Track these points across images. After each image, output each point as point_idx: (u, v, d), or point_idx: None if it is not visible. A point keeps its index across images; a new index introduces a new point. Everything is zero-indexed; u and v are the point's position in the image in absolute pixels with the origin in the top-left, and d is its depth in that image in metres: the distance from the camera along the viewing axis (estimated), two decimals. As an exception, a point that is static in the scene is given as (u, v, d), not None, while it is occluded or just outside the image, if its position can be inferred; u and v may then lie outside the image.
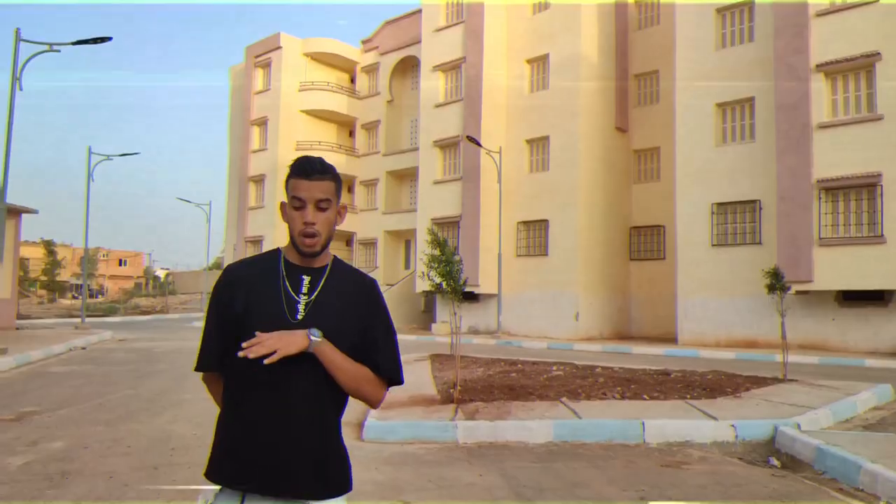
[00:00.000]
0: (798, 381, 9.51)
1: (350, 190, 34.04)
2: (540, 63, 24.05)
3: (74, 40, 13.89)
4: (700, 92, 19.63)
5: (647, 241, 24.59)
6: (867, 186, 16.24)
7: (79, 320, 27.25)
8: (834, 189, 16.74)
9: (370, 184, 32.96)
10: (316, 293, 1.82)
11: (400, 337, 15.47)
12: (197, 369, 1.86)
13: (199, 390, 10.40)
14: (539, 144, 23.85)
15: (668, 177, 23.35)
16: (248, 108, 33.61)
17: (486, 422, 6.82)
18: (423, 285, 25.74)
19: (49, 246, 71.87)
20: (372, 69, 33.37)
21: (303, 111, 32.63)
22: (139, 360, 14.29)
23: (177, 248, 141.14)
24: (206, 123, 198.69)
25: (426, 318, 28.67)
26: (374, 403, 1.88)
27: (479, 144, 22.04)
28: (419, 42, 28.69)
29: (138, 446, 6.15)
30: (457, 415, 7.13)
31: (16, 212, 21.33)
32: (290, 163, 1.86)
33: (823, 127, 16.84)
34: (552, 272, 22.82)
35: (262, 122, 32.99)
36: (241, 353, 1.68)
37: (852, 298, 16.95)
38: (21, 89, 13.51)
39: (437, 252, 7.64)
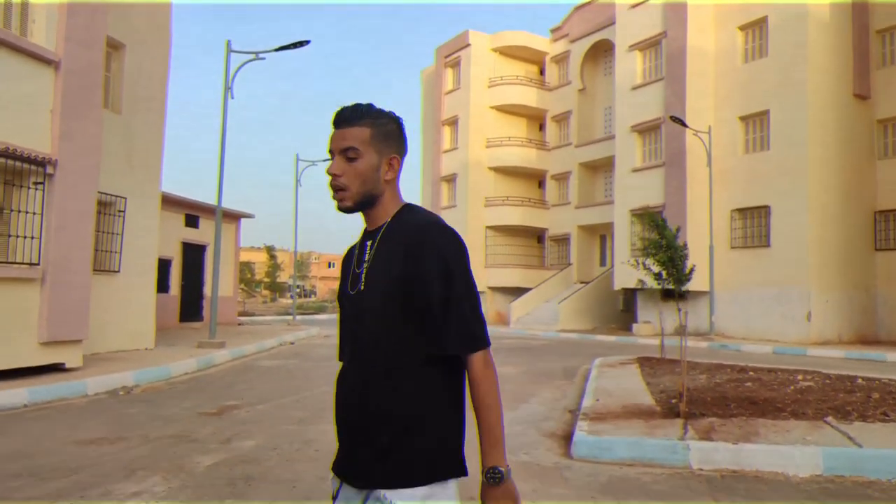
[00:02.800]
0: None
1: (541, 185, 33.04)
2: (756, 28, 21.15)
3: (275, 47, 14.46)
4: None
5: (897, 228, 20.57)
6: None
7: (291, 318, 29.29)
8: None
9: (562, 178, 31.66)
10: (369, 259, 1.63)
11: (598, 339, 14.02)
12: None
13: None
14: (756, 121, 20.96)
15: (926, 149, 19.31)
16: (438, 108, 33.99)
17: (727, 444, 5.41)
18: (622, 282, 23.98)
19: (270, 251, 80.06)
20: (562, 58, 32.06)
21: (492, 107, 32.24)
22: (340, 355, 14.51)
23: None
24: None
25: (625, 318, 26.74)
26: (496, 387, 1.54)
27: (684, 125, 19.85)
28: (612, 24, 26.88)
29: (326, 451, 5.65)
30: (686, 433, 5.79)
31: (234, 216, 23.24)
32: None
33: None
34: (776, 266, 19.90)
35: (453, 122, 33.15)
36: None
37: None
38: (233, 97, 14.34)
39: (655, 236, 6.33)
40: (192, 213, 20.47)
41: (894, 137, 20.82)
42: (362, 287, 1.61)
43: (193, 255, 20.75)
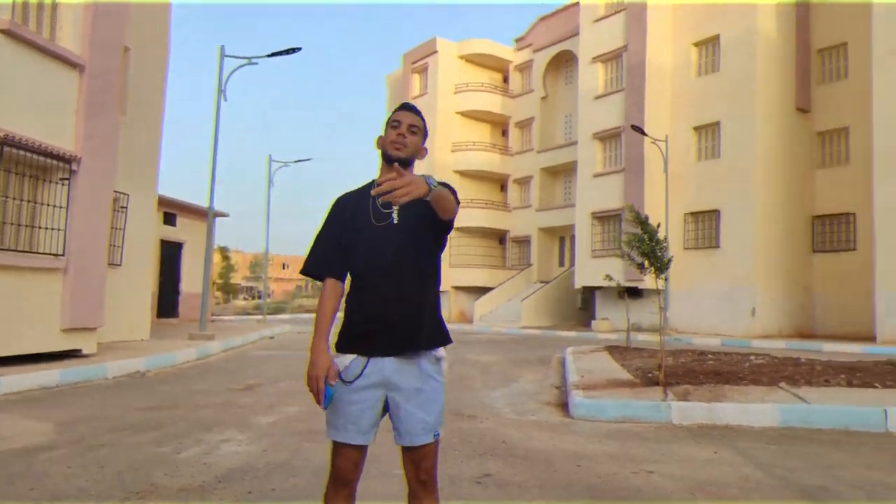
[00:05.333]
0: None
1: (504, 188, 34.24)
2: (709, 45, 22.79)
3: (269, 53, 15.14)
4: (900, 62, 17.61)
5: (833, 231, 22.45)
6: None
7: (258, 317, 29.67)
8: None
9: (524, 182, 32.94)
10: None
11: (560, 334, 15.59)
12: (319, 272, 2.33)
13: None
14: (708, 131, 22.59)
15: (859, 160, 21.18)
16: (405, 112, 34.79)
17: (702, 403, 6.51)
18: (583, 280, 25.33)
19: (224, 252, 79.10)
20: (525, 67, 33.37)
21: (458, 112, 33.27)
22: (326, 347, 15.24)
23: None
24: (367, 131, 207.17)
25: (583, 315, 28.11)
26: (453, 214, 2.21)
27: (644, 133, 21.28)
28: (574, 35, 28.29)
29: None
30: (668, 396, 6.88)
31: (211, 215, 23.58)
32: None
33: None
34: (725, 266, 21.50)
35: (419, 126, 34.01)
36: (374, 191, 2.05)
37: None
38: (226, 100, 14.96)
39: (639, 230, 7.42)
40: (170, 211, 20.82)
41: (831, 148, 22.73)
42: (396, 220, 2.26)
43: (170, 252, 21.10)
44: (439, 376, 2.32)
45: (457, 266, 31.78)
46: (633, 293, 23.22)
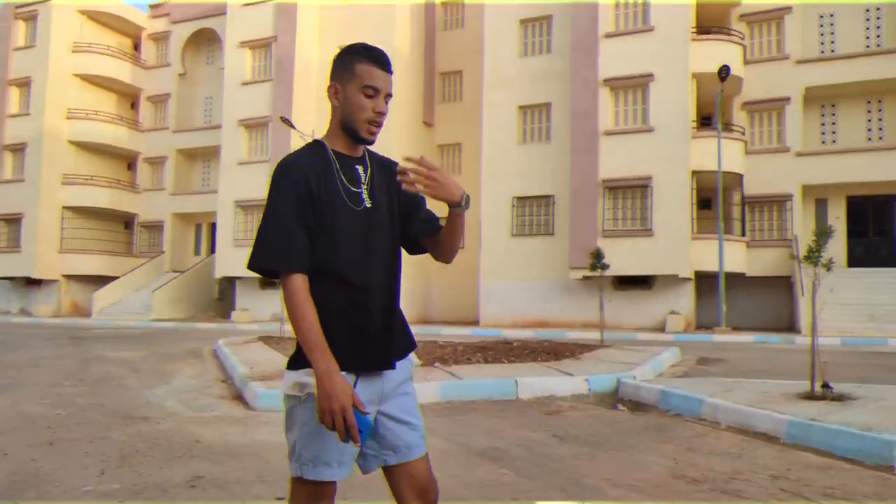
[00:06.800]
0: (614, 346, 11.08)
1: (132, 167, 31.04)
2: (354, 51, 24.23)
3: None
4: (504, 95, 21.40)
5: (448, 231, 26.04)
6: (641, 187, 19.11)
7: None
8: (615, 188, 19.42)
9: (157, 162, 30.35)
10: (369, 181, 1.87)
11: (198, 326, 15.35)
12: (291, 267, 1.72)
13: (28, 369, 9.10)
14: (351, 132, 24.02)
15: (469, 171, 24.99)
16: (5, 64, 28.92)
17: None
18: (224, 270, 24.55)
19: None
20: (161, 38, 30.72)
21: (76, 75, 28.93)
22: None
23: None
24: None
25: (222, 306, 27.29)
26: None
27: (293, 127, 21.59)
28: (219, 14, 27.20)
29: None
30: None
31: None
32: (348, 46, 1.90)
33: (608, 134, 19.44)
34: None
35: (25, 83, 28.61)
36: (400, 167, 1.80)
37: (626, 283, 19.81)
38: None
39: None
40: None
41: (448, 159, 26.33)
42: (368, 205, 1.83)
43: None
44: (411, 379, 1.99)
45: (69, 252, 27.74)
46: (273, 286, 23.41)
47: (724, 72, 17.67)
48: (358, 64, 1.82)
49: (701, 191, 20.18)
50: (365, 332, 1.79)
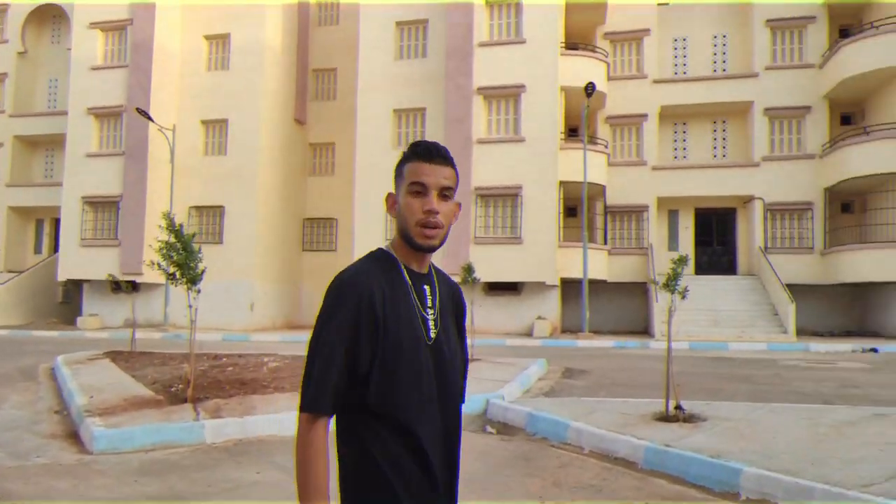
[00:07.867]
0: (483, 360, 11.14)
1: (-42, 153, 27.53)
2: (220, 42, 22.87)
3: None
4: (378, 97, 21.05)
5: (319, 233, 25.35)
6: (511, 196, 19.52)
7: None
8: (487, 196, 19.70)
9: (-10, 149, 27.12)
10: (437, 307, 1.63)
11: (38, 334, 14.08)
12: (320, 410, 1.48)
13: None
14: (217, 127, 22.68)
15: (342, 172, 24.44)
16: None
17: (235, 419, 6.57)
18: (69, 272, 22.37)
19: None
20: (-3, 10, 27.49)
21: None
22: None
23: None
24: None
25: (67, 311, 24.87)
26: None
27: (150, 118, 20.04)
28: (67, -10, 24.71)
29: None
30: (199, 414, 6.69)
31: None
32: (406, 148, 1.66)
33: (481, 142, 19.68)
34: (228, 261, 21.97)
35: None
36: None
37: (496, 288, 20.18)
38: None
39: (173, 239, 6.98)
40: None
41: (321, 159, 25.61)
42: (433, 335, 1.58)
43: None
44: None
45: None
46: (133, 287, 21.65)
47: (590, 88, 18.44)
48: (406, 165, 1.60)
49: (567, 200, 20.97)
50: (423, 491, 1.53)
